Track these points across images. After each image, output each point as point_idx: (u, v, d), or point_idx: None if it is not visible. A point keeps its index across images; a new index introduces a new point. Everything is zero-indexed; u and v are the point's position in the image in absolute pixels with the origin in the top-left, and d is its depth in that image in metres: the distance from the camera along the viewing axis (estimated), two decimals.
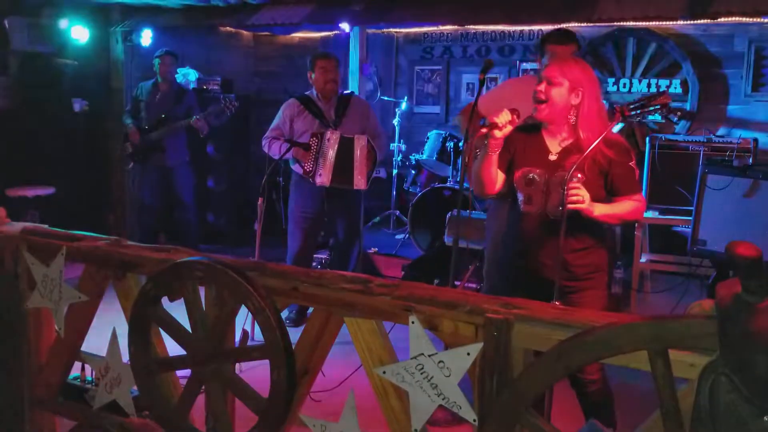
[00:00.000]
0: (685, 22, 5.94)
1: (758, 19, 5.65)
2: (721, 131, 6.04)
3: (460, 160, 5.94)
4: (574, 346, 1.67)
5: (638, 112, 3.65)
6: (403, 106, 7.13)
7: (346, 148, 4.46)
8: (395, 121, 7.03)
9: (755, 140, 5.21)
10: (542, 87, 2.63)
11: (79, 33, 6.50)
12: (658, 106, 3.62)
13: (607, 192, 2.65)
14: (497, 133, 2.60)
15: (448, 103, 7.48)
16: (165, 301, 2.29)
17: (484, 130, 2.60)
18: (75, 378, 2.93)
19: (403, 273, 5.33)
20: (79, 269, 2.60)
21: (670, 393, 1.58)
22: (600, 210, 2.55)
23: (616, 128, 5.25)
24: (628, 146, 2.71)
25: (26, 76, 6.49)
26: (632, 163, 2.67)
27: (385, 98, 7.49)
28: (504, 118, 2.59)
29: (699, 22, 5.89)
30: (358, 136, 4.50)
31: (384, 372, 1.98)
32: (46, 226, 2.88)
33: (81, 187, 6.75)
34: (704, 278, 4.84)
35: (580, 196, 2.47)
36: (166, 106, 5.99)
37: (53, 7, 6.42)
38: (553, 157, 2.67)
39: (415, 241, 6.04)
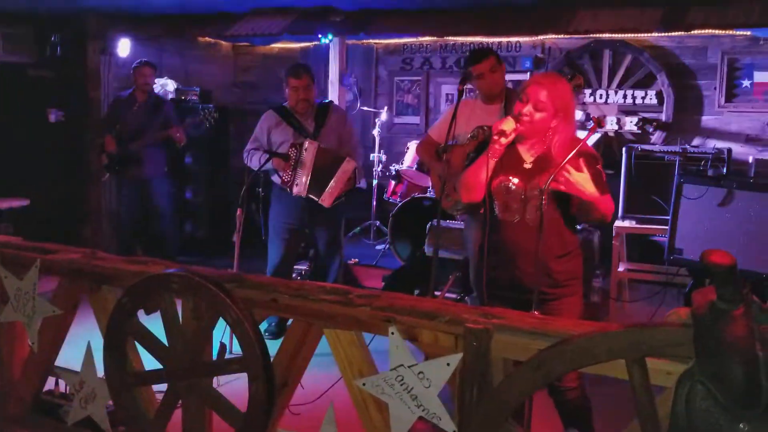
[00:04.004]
0: (660, 35, 6.04)
1: (730, 32, 5.76)
2: (695, 141, 6.13)
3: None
4: (554, 355, 1.67)
5: None
6: (383, 116, 7.14)
7: (324, 160, 4.44)
8: (375, 132, 7.04)
9: (729, 150, 5.30)
10: (528, 109, 2.65)
11: (55, 43, 6.44)
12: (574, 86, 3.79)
13: None
14: (503, 141, 2.64)
15: (427, 113, 7.51)
16: (141, 314, 2.27)
17: (495, 136, 2.64)
18: (49, 393, 2.88)
19: (383, 284, 5.32)
20: (53, 282, 2.56)
21: (648, 401, 1.59)
22: (576, 176, 2.51)
23: (593, 139, 5.32)
24: (596, 154, 2.79)
25: (1, 87, 6.41)
26: (599, 167, 2.73)
27: (365, 109, 7.50)
28: (509, 125, 2.63)
29: (673, 34, 5.98)
30: (348, 159, 4.47)
31: (364, 384, 1.97)
32: (20, 238, 2.84)
33: (56, 198, 6.66)
34: (682, 287, 4.89)
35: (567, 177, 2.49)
36: (143, 117, 5.94)
37: (29, 17, 6.36)
38: (528, 166, 2.72)
39: (396, 251, 6.03)
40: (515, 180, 2.70)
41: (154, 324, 2.25)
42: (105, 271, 2.41)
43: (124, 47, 6.77)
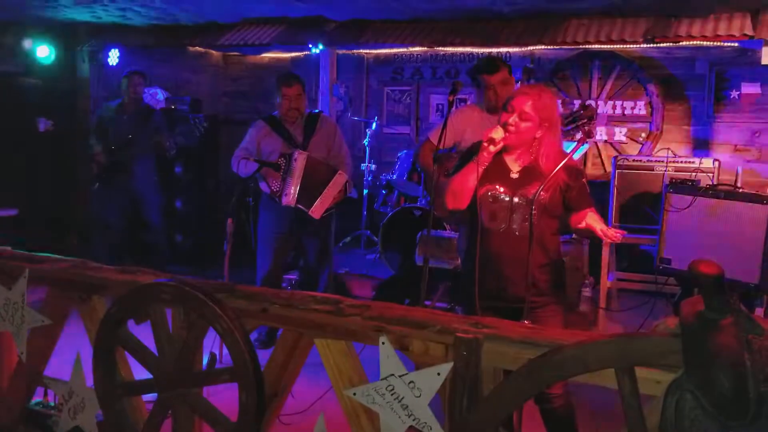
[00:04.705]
0: (648, 46, 6.09)
1: (718, 43, 5.82)
2: (684, 152, 6.18)
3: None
4: (544, 364, 1.68)
5: (569, 127, 3.77)
6: (374, 126, 7.16)
7: (314, 171, 4.43)
8: (365, 142, 7.06)
9: (717, 161, 5.35)
10: (513, 119, 2.68)
11: (44, 52, 6.43)
12: (586, 119, 3.76)
13: (565, 208, 2.75)
14: (492, 148, 2.67)
15: (418, 123, 7.53)
16: (131, 324, 2.26)
17: (485, 144, 2.67)
18: (37, 403, 2.85)
19: (373, 293, 5.32)
20: (42, 292, 2.54)
21: (637, 410, 1.59)
22: (599, 223, 2.67)
23: (582, 149, 5.34)
24: (581, 168, 2.85)
25: None
26: (584, 180, 2.79)
27: (356, 118, 7.52)
28: (499, 134, 2.66)
29: (661, 45, 6.04)
30: (340, 172, 4.48)
31: (354, 393, 1.97)
32: (8, 248, 2.82)
33: (45, 208, 6.62)
34: (670, 296, 4.91)
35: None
36: (133, 127, 5.93)
37: (18, 26, 6.35)
38: (514, 175, 2.75)
39: (386, 261, 6.03)
40: (501, 189, 2.72)
41: (144, 334, 2.24)
42: (94, 281, 2.40)
43: (113, 56, 6.76)
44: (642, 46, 6.06)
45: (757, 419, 1.39)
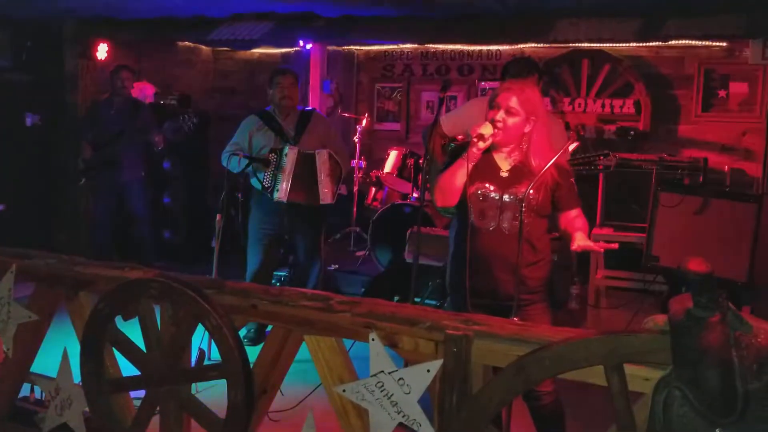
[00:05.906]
0: (638, 44, 6.11)
1: (707, 42, 5.85)
2: (672, 150, 6.21)
3: (420, 177, 5.98)
4: (533, 361, 1.68)
5: (581, 163, 3.76)
6: (364, 123, 7.15)
7: (306, 164, 4.43)
8: (356, 138, 7.05)
9: (705, 159, 5.38)
10: (500, 116, 2.69)
11: (32, 46, 6.38)
12: (598, 166, 3.78)
13: (553, 207, 2.77)
14: (481, 144, 2.67)
15: (408, 120, 7.53)
16: (119, 320, 2.24)
17: (474, 139, 2.66)
18: (24, 400, 2.83)
19: (363, 290, 5.32)
20: (29, 288, 2.52)
21: (626, 407, 1.60)
22: (586, 241, 2.66)
23: (571, 147, 5.35)
24: (569, 168, 2.86)
25: None
26: (572, 180, 2.81)
27: (346, 115, 7.51)
28: (488, 130, 2.67)
29: (651, 44, 6.06)
30: (319, 150, 4.48)
31: (344, 390, 1.97)
32: None
33: (32, 203, 6.57)
34: (658, 294, 4.95)
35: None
36: (121, 122, 5.89)
37: (5, 20, 6.29)
38: (504, 174, 2.75)
39: (376, 257, 6.03)
40: (491, 188, 2.73)
41: (132, 330, 2.23)
42: (82, 277, 2.38)
43: (102, 51, 6.72)
44: (631, 45, 6.08)
45: (745, 416, 1.40)
